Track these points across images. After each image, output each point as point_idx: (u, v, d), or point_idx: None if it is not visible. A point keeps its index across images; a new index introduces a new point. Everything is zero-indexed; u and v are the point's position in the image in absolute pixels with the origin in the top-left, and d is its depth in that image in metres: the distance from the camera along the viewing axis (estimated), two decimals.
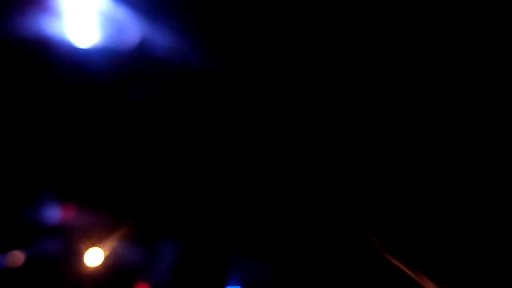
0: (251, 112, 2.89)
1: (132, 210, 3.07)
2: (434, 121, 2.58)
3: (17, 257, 2.86)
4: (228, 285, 3.13)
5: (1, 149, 2.83)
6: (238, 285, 3.13)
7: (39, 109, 2.87)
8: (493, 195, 2.45)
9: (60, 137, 2.93)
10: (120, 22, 2.46)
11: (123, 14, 2.41)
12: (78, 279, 2.90)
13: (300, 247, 3.01)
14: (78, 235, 2.94)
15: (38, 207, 2.94)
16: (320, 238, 2.96)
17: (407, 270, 2.56)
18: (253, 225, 3.09)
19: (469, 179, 2.51)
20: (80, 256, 2.92)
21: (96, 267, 2.94)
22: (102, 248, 2.95)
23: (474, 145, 2.50)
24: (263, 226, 3.07)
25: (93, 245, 2.94)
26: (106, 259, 2.94)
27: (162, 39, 2.56)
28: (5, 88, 2.73)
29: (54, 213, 2.96)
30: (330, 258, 2.94)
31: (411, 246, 2.60)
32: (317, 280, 2.98)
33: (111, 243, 2.98)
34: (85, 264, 2.92)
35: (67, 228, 2.95)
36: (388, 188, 2.71)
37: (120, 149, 2.99)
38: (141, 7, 2.46)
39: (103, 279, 2.94)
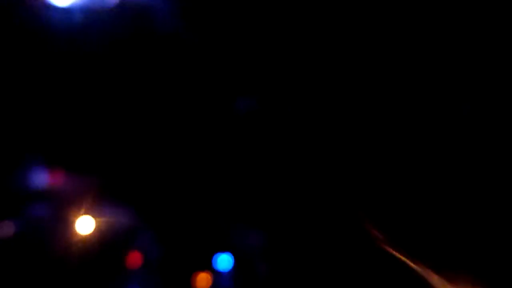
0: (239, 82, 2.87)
1: (123, 177, 3.05)
2: (435, 112, 2.59)
3: (8, 227, 2.84)
4: (219, 252, 3.14)
5: None
6: (229, 252, 3.15)
7: (22, 72, 2.81)
8: (496, 187, 2.48)
9: (45, 100, 2.87)
10: None
11: None
12: (70, 247, 2.89)
13: (294, 218, 3.03)
14: (69, 203, 2.92)
15: (26, 174, 2.91)
16: (316, 215, 2.98)
17: (408, 261, 2.59)
18: (246, 193, 3.10)
19: (470, 171, 2.53)
20: (71, 224, 2.90)
21: (88, 235, 2.92)
22: (93, 216, 2.93)
23: (474, 137, 2.51)
24: (256, 195, 3.08)
25: (84, 213, 2.92)
26: (98, 227, 2.93)
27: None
28: None
29: (44, 180, 2.93)
30: (325, 236, 2.97)
31: (412, 237, 2.62)
32: (310, 255, 3.01)
33: (103, 210, 2.96)
34: (76, 232, 2.90)
35: (57, 196, 2.92)
36: (388, 177, 2.73)
37: (110, 112, 2.95)
38: None
39: (95, 247, 2.93)
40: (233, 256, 3.14)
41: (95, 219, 2.94)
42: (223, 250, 3.14)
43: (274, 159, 2.99)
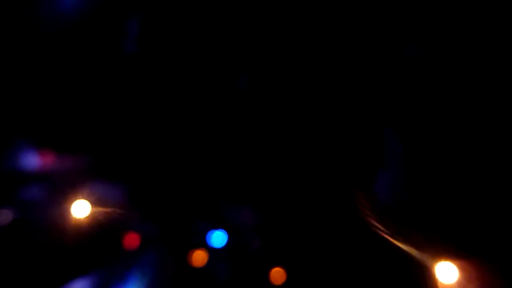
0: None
1: (116, 158, 3.06)
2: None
3: (6, 214, 2.85)
4: (212, 229, 3.19)
5: None
6: (222, 229, 3.20)
7: (13, 54, 2.79)
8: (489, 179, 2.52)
9: (36, 82, 2.87)
10: None
11: None
12: (66, 231, 2.91)
13: (288, 194, 3.07)
14: (64, 187, 2.93)
15: (19, 158, 2.91)
16: (310, 192, 3.02)
17: (406, 248, 2.63)
18: (239, 170, 3.13)
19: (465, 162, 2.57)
20: (66, 208, 2.92)
21: (83, 218, 2.94)
22: (88, 199, 2.95)
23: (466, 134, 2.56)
24: (249, 171, 3.11)
25: (79, 196, 2.94)
26: (94, 210, 2.95)
27: None
28: None
29: (37, 164, 2.93)
30: (319, 213, 3.01)
31: (410, 226, 2.66)
32: (303, 231, 3.06)
33: (97, 193, 2.98)
34: (72, 216, 2.92)
35: (52, 180, 2.93)
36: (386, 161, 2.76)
37: (102, 95, 2.95)
38: None
39: (91, 230, 2.95)
40: (227, 233, 3.19)
41: (90, 202, 2.96)
42: (217, 227, 3.19)
43: (269, 137, 3.02)
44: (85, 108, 2.97)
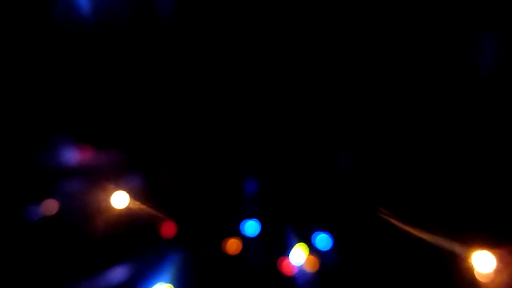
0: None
1: (152, 152, 3.12)
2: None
3: (51, 205, 2.94)
4: (245, 219, 3.23)
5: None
6: (256, 218, 3.24)
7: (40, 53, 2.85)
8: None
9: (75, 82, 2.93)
10: None
11: None
12: (107, 222, 2.99)
13: (317, 185, 3.09)
14: (103, 179, 3.00)
15: (59, 152, 2.98)
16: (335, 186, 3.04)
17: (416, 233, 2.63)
18: (271, 163, 3.15)
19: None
20: (106, 199, 2.99)
21: (123, 209, 3.01)
22: (127, 191, 3.02)
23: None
24: (281, 164, 3.13)
25: (118, 188, 3.01)
26: (132, 201, 3.02)
27: None
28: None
29: (77, 158, 3.01)
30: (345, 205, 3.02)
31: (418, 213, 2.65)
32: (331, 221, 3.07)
33: (135, 184, 3.05)
34: (112, 207, 3.00)
35: (91, 172, 3.00)
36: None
37: (137, 90, 3.00)
38: None
39: (131, 221, 3.03)
40: (260, 222, 3.23)
41: (129, 193, 3.03)
42: (251, 217, 3.23)
43: (291, 131, 3.03)
44: (123, 105, 3.03)
